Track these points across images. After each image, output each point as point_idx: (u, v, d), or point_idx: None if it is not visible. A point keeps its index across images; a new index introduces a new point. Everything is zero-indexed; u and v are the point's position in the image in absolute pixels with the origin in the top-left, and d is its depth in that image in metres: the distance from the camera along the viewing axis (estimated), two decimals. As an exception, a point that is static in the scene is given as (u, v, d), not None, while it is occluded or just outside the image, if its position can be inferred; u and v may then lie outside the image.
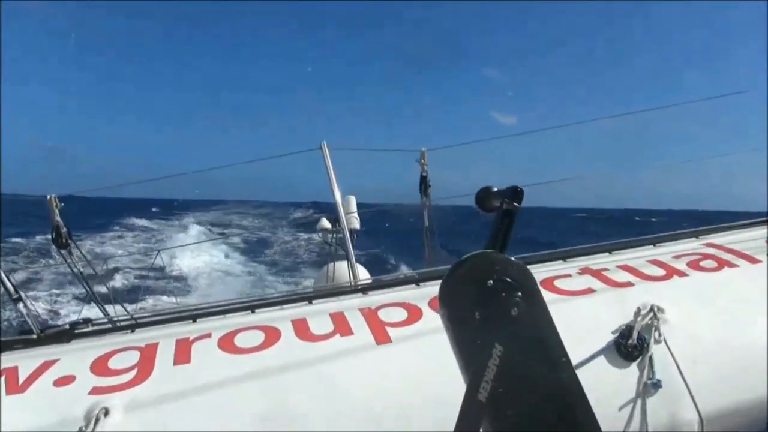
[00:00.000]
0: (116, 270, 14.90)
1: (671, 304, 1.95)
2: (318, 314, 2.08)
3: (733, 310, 2.03)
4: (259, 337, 1.94)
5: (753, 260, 2.30)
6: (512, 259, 0.99)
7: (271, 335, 1.94)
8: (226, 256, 20.22)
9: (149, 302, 10.37)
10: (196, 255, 18.10)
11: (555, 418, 0.91)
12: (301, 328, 1.98)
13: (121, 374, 1.77)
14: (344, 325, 1.97)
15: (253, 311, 2.27)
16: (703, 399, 1.78)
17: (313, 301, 2.33)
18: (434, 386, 1.68)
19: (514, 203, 1.06)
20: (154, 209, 38.25)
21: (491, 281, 0.93)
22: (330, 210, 4.53)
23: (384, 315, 2.02)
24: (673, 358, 1.83)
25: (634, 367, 1.81)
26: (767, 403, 1.82)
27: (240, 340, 1.93)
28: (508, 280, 0.94)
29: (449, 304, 0.98)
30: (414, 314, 2.01)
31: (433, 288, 2.24)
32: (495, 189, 1.13)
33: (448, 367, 1.01)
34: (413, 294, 2.22)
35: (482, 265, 0.97)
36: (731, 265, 2.26)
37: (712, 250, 2.41)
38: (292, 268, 18.99)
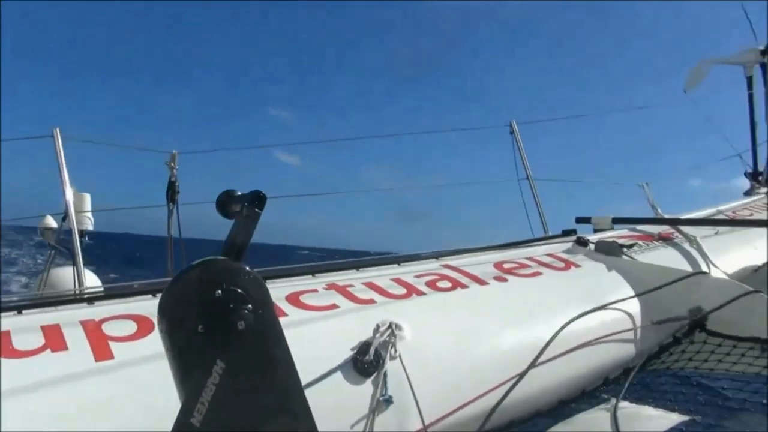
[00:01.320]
0: None
1: (409, 322, 2.05)
2: (27, 327, 1.79)
3: (461, 327, 2.22)
4: None
5: (481, 282, 2.56)
6: (246, 268, 0.91)
7: None
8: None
9: None
10: None
11: None
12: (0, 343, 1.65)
13: None
14: (58, 340, 1.71)
15: None
16: (428, 412, 1.88)
17: (24, 312, 1.98)
18: (157, 408, 1.51)
19: (255, 209, 0.97)
20: None
21: (219, 291, 0.85)
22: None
23: (109, 328, 1.81)
24: (406, 374, 1.91)
25: (369, 383, 1.85)
26: (483, 410, 2.01)
27: None
28: (238, 290, 0.86)
29: (169, 316, 0.87)
30: (144, 328, 1.82)
31: None
32: (238, 193, 1.04)
33: (174, 386, 0.90)
34: (147, 305, 2.02)
35: (211, 273, 0.88)
36: (463, 286, 2.50)
37: (448, 272, 2.63)
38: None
